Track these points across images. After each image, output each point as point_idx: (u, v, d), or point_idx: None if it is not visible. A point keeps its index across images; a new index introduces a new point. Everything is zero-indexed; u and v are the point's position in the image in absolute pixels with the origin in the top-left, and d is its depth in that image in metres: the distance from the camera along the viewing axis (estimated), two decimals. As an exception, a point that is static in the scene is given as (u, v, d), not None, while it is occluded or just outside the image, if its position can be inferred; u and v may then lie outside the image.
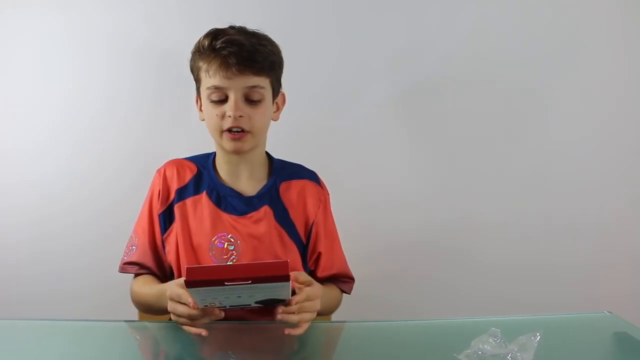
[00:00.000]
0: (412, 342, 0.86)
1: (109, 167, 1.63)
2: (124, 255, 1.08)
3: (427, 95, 1.67)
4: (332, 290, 1.08)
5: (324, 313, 1.06)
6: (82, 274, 1.66)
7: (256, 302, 0.80)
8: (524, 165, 1.70)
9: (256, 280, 0.71)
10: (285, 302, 0.82)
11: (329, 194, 1.14)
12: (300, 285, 0.84)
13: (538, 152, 1.70)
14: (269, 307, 0.84)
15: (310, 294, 0.84)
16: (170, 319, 1.05)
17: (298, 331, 0.83)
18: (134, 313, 1.17)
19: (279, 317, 0.82)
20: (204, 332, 0.80)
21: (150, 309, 1.01)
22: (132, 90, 1.62)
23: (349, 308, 1.16)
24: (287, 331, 0.82)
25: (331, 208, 1.13)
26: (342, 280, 1.12)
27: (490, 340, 0.74)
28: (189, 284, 0.71)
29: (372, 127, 1.68)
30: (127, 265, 1.06)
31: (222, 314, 0.81)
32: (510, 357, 0.71)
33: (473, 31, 1.65)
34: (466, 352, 0.74)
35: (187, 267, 0.71)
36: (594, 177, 1.71)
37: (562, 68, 1.67)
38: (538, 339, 0.72)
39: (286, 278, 0.72)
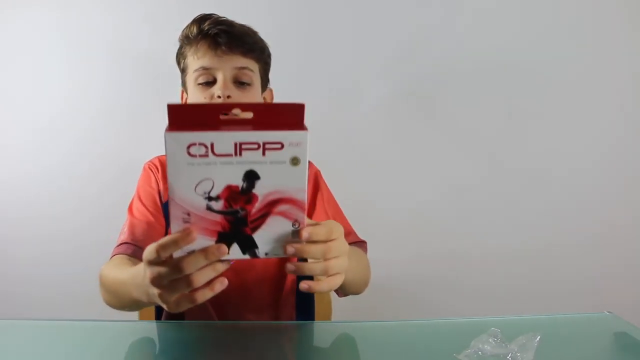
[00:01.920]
0: (412, 342, 0.86)
1: (110, 167, 1.63)
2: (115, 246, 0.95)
3: (427, 94, 1.68)
4: (358, 251, 0.92)
5: (360, 282, 0.90)
6: (81, 274, 1.66)
7: (259, 205, 0.57)
8: (525, 164, 1.71)
9: (260, 113, 0.54)
10: (295, 228, 0.58)
11: (318, 170, 1.08)
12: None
13: (538, 153, 1.71)
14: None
15: (333, 228, 0.60)
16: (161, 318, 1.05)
17: (321, 286, 0.60)
18: (134, 313, 1.17)
19: (289, 267, 0.58)
20: (218, 286, 0.57)
21: (116, 299, 0.84)
22: (133, 91, 1.62)
23: (348, 308, 1.16)
24: (305, 284, 0.58)
25: (325, 183, 1.08)
26: (357, 245, 1.00)
27: (490, 340, 0.74)
28: (174, 126, 0.53)
29: (372, 126, 1.68)
30: (116, 249, 0.93)
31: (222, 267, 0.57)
32: (510, 357, 0.71)
33: (473, 30, 1.65)
34: (466, 352, 0.74)
35: (168, 104, 0.53)
36: (595, 177, 1.71)
37: (564, 66, 1.67)
38: (538, 339, 0.73)
39: (300, 124, 0.54)
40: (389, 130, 1.68)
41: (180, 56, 0.99)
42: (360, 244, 1.02)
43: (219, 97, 0.91)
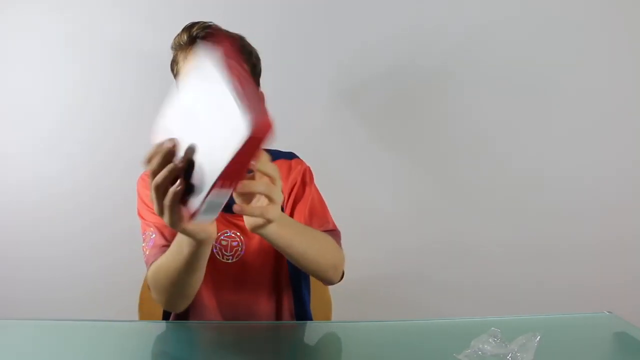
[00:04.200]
0: (412, 342, 0.86)
1: (114, 169, 1.63)
2: (145, 251, 0.96)
3: (428, 95, 1.68)
4: (318, 232, 0.95)
5: (316, 259, 0.89)
6: (83, 275, 1.66)
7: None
8: (524, 164, 1.71)
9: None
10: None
11: (309, 168, 1.09)
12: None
13: (539, 154, 1.71)
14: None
15: (276, 173, 0.67)
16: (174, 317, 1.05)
17: (251, 220, 0.70)
18: (134, 313, 1.18)
19: (236, 208, 0.66)
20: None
21: (180, 275, 0.83)
22: (135, 93, 1.62)
23: (349, 308, 1.16)
24: (238, 207, 0.66)
25: (312, 175, 1.08)
26: (330, 233, 1.00)
27: (490, 340, 0.74)
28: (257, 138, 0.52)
29: (373, 127, 1.68)
30: (150, 256, 0.93)
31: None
32: (510, 357, 0.72)
33: (474, 32, 1.65)
34: (466, 352, 0.74)
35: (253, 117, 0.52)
36: (593, 175, 1.71)
37: (565, 66, 1.67)
38: (538, 339, 0.73)
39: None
40: (390, 131, 1.68)
41: (173, 63, 1.01)
42: (332, 232, 1.01)
43: None
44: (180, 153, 0.61)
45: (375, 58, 1.64)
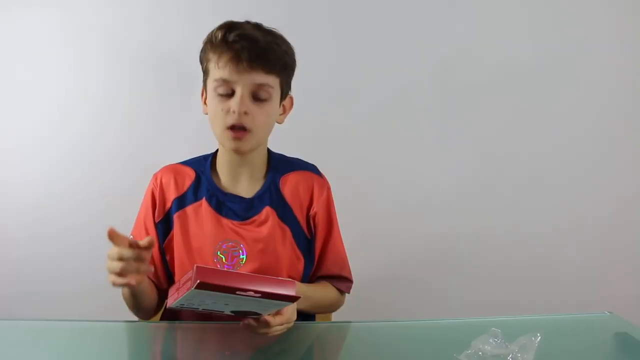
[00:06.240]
0: (413, 343, 0.86)
1: (109, 167, 1.63)
2: None
3: (427, 95, 1.68)
4: (325, 289, 1.06)
5: (319, 311, 1.06)
6: (82, 274, 1.65)
7: (232, 312, 0.78)
8: (523, 167, 1.71)
9: (266, 295, 0.69)
10: (258, 317, 0.78)
11: (330, 188, 1.09)
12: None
13: (536, 154, 1.71)
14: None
15: (290, 318, 0.83)
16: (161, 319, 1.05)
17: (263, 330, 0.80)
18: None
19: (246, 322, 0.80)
20: (132, 281, 0.81)
21: (134, 305, 0.97)
22: (132, 90, 1.62)
23: (349, 308, 1.16)
24: (246, 321, 0.79)
25: (333, 200, 1.10)
26: (340, 279, 1.08)
27: (491, 340, 0.74)
28: (200, 286, 0.66)
29: (372, 126, 1.68)
30: None
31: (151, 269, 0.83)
32: (510, 357, 0.72)
33: (475, 31, 1.65)
34: (466, 352, 0.74)
35: (197, 266, 0.66)
36: (593, 178, 1.71)
37: (565, 71, 1.67)
38: (538, 339, 0.73)
39: (293, 299, 0.71)
40: (389, 131, 1.68)
41: (203, 57, 0.99)
42: (345, 280, 1.10)
43: (234, 111, 0.92)
44: None
45: (376, 58, 1.64)
